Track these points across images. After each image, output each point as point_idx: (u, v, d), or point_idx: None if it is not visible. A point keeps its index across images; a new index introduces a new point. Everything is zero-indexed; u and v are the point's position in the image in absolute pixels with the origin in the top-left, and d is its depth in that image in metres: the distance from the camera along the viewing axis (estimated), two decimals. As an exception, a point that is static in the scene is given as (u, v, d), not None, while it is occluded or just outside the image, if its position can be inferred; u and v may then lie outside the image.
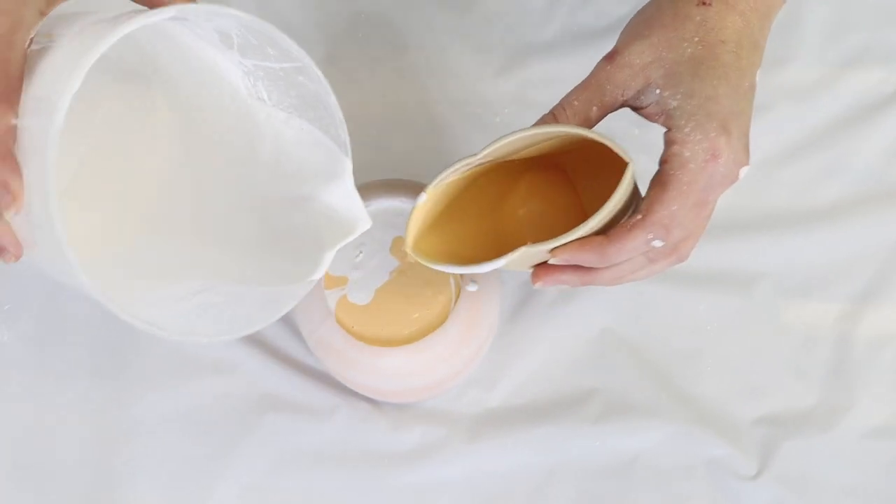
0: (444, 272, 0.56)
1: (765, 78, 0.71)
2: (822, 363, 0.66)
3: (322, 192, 0.50)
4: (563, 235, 0.48)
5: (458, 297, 0.57)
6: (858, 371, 0.66)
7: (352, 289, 0.57)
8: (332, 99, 0.50)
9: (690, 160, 0.48)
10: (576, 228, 0.48)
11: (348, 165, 0.50)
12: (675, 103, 0.49)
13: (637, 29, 0.52)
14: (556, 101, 0.70)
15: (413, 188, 0.60)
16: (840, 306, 0.67)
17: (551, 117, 0.51)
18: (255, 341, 0.65)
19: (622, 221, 0.50)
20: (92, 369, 0.65)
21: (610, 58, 0.51)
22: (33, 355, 0.65)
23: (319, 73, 0.49)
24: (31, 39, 0.44)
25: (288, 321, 0.65)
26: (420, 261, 0.52)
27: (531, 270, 0.52)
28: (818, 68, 0.71)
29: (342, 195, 0.50)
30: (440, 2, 0.72)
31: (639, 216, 0.49)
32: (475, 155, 0.50)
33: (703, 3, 0.51)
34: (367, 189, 0.60)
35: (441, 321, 0.57)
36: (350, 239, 0.50)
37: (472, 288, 0.57)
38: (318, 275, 0.50)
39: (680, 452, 0.64)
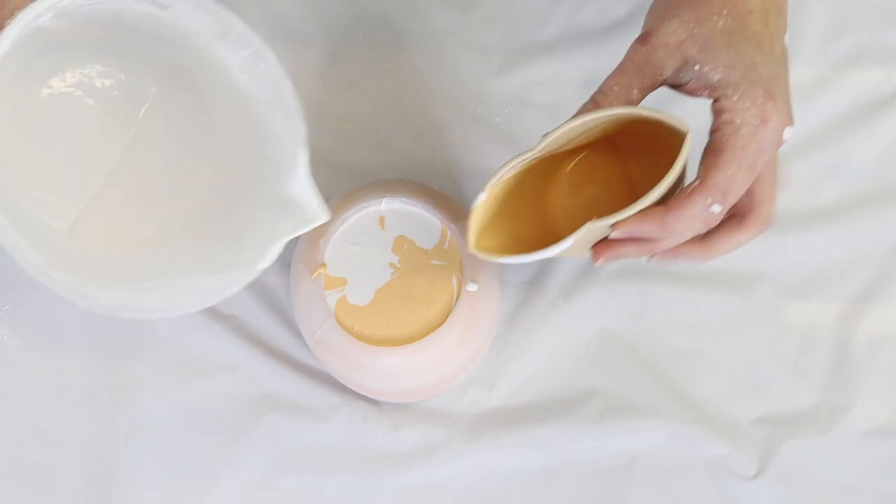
0: (445, 273, 0.56)
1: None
2: (822, 363, 0.66)
3: (282, 183, 0.49)
4: (629, 207, 0.49)
5: (458, 297, 0.57)
6: (858, 371, 0.66)
7: (351, 290, 0.57)
8: (288, 85, 0.49)
9: (742, 126, 0.50)
10: (641, 199, 0.48)
11: (302, 157, 0.49)
12: (717, 76, 0.51)
13: (664, 10, 0.53)
14: (556, 101, 0.70)
15: (413, 188, 0.60)
16: (840, 306, 0.67)
17: (593, 105, 0.51)
18: (255, 341, 0.65)
19: (677, 192, 0.51)
20: (92, 369, 0.65)
21: (643, 40, 0.52)
22: (33, 355, 0.65)
23: (274, 57, 0.49)
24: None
25: (288, 321, 0.65)
26: (486, 258, 0.52)
27: (588, 253, 0.53)
28: (818, 68, 0.71)
29: (299, 186, 0.49)
30: (440, 2, 0.72)
31: (696, 182, 0.50)
32: (532, 150, 0.51)
33: None
34: (369, 189, 0.60)
35: (441, 321, 0.57)
36: (305, 230, 0.49)
37: (472, 288, 0.57)
38: (264, 265, 0.49)
39: (680, 452, 0.64)
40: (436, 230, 0.58)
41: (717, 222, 0.52)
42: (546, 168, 0.56)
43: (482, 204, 0.52)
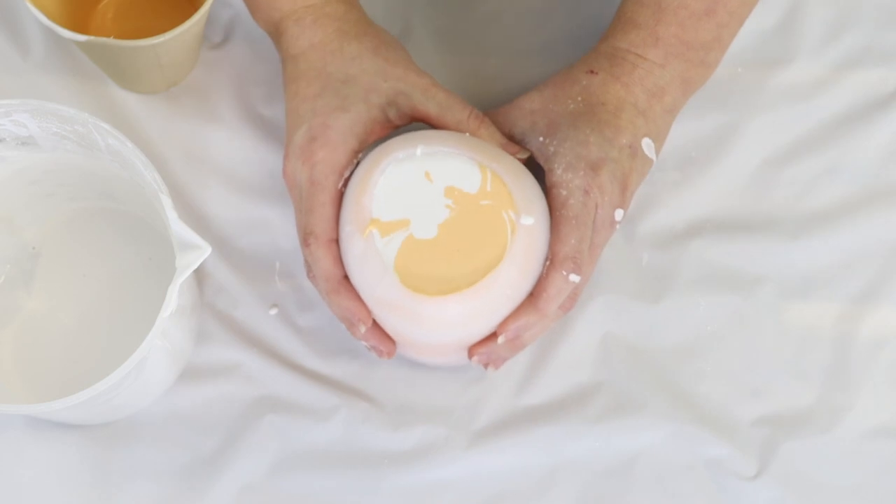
0: (496, 211, 0.57)
1: (765, 78, 0.72)
2: (822, 363, 0.66)
3: (171, 229, 0.52)
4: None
5: (513, 232, 0.57)
6: (858, 371, 0.66)
7: (416, 227, 0.57)
8: (129, 144, 0.53)
9: (569, 197, 0.57)
10: None
11: (166, 202, 0.52)
12: (552, 149, 0.58)
13: (539, 84, 0.62)
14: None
15: (445, 135, 0.60)
16: (840, 306, 0.67)
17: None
18: (256, 341, 0.65)
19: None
20: (92, 369, 0.65)
21: (511, 100, 0.62)
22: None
23: (106, 125, 0.53)
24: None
25: (288, 322, 0.65)
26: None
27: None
28: (818, 68, 0.71)
29: (175, 229, 0.52)
30: (440, 2, 0.72)
31: (548, 263, 0.57)
32: None
33: (591, 72, 0.61)
34: (399, 141, 0.59)
35: (499, 260, 0.56)
36: (194, 267, 0.51)
37: (527, 221, 0.57)
38: (166, 312, 0.51)
39: (680, 452, 0.64)
40: (475, 173, 0.57)
41: (581, 290, 0.59)
42: None
43: None
